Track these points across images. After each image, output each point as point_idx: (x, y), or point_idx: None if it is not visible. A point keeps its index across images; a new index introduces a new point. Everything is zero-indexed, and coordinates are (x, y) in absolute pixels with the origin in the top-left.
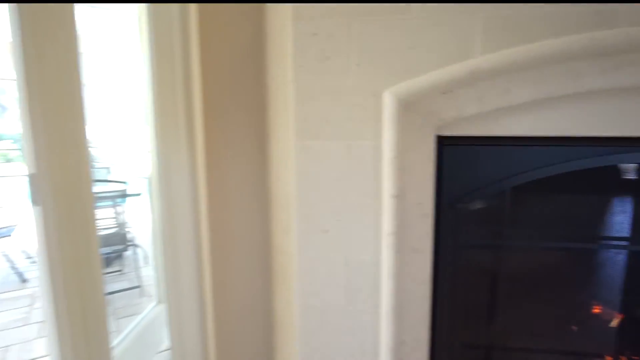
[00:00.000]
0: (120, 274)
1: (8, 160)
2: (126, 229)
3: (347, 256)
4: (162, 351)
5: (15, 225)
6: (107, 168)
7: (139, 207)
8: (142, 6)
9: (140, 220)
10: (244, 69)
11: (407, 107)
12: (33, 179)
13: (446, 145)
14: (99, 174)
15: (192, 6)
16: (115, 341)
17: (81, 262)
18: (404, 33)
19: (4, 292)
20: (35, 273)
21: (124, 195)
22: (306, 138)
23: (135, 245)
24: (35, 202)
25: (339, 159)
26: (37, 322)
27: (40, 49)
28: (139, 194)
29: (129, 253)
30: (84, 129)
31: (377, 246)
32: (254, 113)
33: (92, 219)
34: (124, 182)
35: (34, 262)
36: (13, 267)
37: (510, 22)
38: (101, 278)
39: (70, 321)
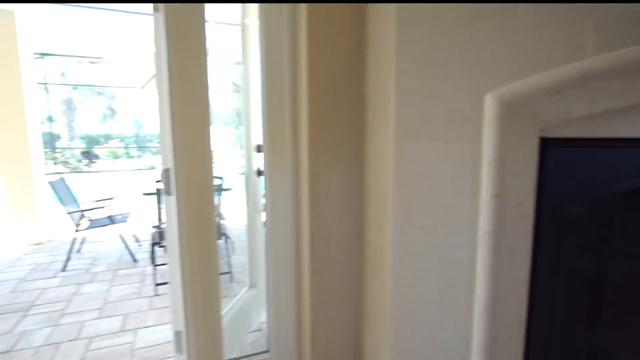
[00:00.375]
0: None
1: (116, 157)
2: (221, 220)
3: (441, 252)
4: (252, 331)
5: (129, 213)
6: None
7: (230, 201)
8: (250, 15)
9: (230, 212)
10: (345, 74)
11: (510, 109)
12: (167, 173)
13: (549, 147)
14: None
15: (302, 16)
16: None
17: (202, 242)
18: (508, 36)
19: (120, 270)
20: (144, 254)
21: (220, 189)
22: (405, 138)
23: (227, 236)
24: (167, 192)
25: (437, 158)
26: (148, 296)
27: (180, 60)
28: (230, 189)
29: (220, 242)
30: (209, 131)
31: (473, 244)
32: (353, 114)
33: (212, 207)
34: (220, 178)
35: (141, 245)
36: (127, 249)
37: (625, 21)
38: (217, 256)
39: (192, 290)
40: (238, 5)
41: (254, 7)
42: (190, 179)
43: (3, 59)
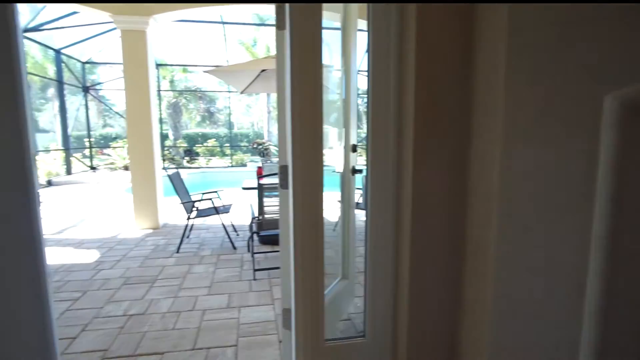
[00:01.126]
0: None
1: (213, 155)
2: None
3: (548, 254)
4: (343, 320)
5: (231, 205)
6: None
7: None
8: (351, 17)
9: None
10: (452, 76)
11: (633, 110)
12: (284, 169)
13: None
14: None
15: (411, 17)
16: None
17: (312, 229)
18: (628, 35)
19: (222, 255)
20: (240, 243)
21: None
22: (514, 140)
23: None
24: (284, 186)
25: (547, 160)
26: (248, 280)
27: (301, 70)
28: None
29: None
30: (322, 132)
31: (584, 247)
32: (459, 116)
33: (321, 200)
34: None
35: (238, 234)
36: (228, 237)
37: None
38: (322, 243)
39: (302, 272)
40: (340, 7)
41: (355, 9)
42: (304, 175)
43: (136, 72)
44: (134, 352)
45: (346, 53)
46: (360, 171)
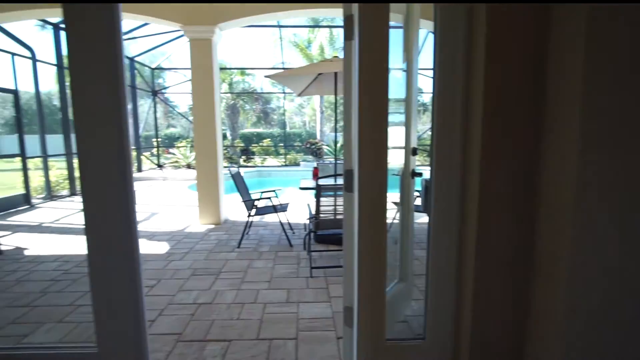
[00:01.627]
0: None
1: (267, 154)
2: None
3: (623, 263)
4: (399, 321)
5: (288, 203)
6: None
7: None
8: (414, 17)
9: None
10: (523, 80)
11: None
12: (349, 173)
13: None
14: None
15: (481, 18)
16: None
17: (375, 231)
18: None
19: (280, 251)
20: (296, 241)
21: None
22: (590, 149)
23: None
24: (349, 189)
25: (624, 169)
26: (305, 277)
27: (368, 79)
28: None
29: None
30: (387, 138)
31: None
32: (529, 121)
33: (384, 203)
34: None
35: (294, 233)
36: (285, 234)
37: None
38: (386, 245)
39: (365, 271)
40: (402, 8)
41: (417, 9)
42: (369, 179)
43: (203, 77)
44: (204, 337)
45: (408, 53)
46: (420, 174)
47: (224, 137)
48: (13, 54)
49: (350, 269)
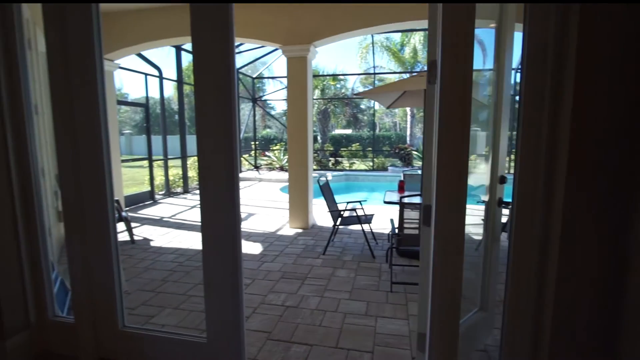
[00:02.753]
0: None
1: (355, 157)
2: None
3: None
4: (478, 350)
5: (373, 215)
6: None
7: None
8: (508, 17)
9: None
10: (620, 88)
11: None
12: (427, 209)
13: None
14: None
15: (573, 20)
16: None
17: (450, 265)
18: None
19: (362, 262)
20: (379, 252)
21: None
22: None
23: None
24: (425, 223)
25: None
26: (385, 291)
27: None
28: None
29: None
30: (467, 174)
31: None
32: (625, 134)
33: (462, 240)
34: None
35: (377, 244)
36: (368, 245)
37: None
38: (461, 278)
39: (439, 304)
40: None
41: (513, 9)
42: (447, 215)
43: (297, 90)
44: (289, 338)
45: (500, 59)
46: (508, 204)
47: (315, 139)
48: (146, 74)
49: (424, 299)
